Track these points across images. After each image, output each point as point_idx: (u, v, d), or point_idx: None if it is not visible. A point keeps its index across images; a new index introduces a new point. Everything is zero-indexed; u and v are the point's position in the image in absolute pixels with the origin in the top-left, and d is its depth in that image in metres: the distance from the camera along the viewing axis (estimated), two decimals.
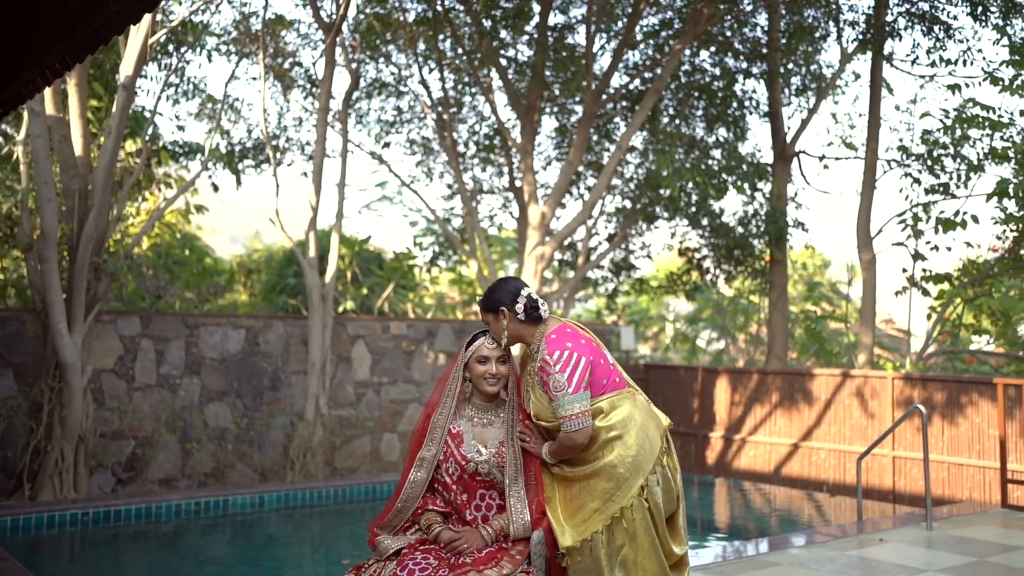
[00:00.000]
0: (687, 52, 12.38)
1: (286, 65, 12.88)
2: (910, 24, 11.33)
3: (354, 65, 11.43)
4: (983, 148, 11.74)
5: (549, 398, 3.57)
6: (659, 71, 12.51)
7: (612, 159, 11.29)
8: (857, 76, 15.22)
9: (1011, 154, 11.42)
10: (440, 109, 12.87)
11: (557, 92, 12.72)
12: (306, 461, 10.19)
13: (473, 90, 13.68)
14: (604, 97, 11.60)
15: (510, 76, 12.19)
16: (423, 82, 13.04)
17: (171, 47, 11.60)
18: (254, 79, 13.56)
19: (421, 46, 12.86)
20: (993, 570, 6.11)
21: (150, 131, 11.36)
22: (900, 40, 11.52)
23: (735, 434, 12.89)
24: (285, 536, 8.83)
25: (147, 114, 12.36)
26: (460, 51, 12.59)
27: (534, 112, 11.96)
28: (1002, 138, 10.97)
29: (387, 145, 14.01)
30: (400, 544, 3.77)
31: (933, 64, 11.29)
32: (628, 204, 13.32)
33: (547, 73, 12.01)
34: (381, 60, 13.18)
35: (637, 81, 12.46)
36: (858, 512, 8.17)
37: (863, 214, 12.28)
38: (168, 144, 12.82)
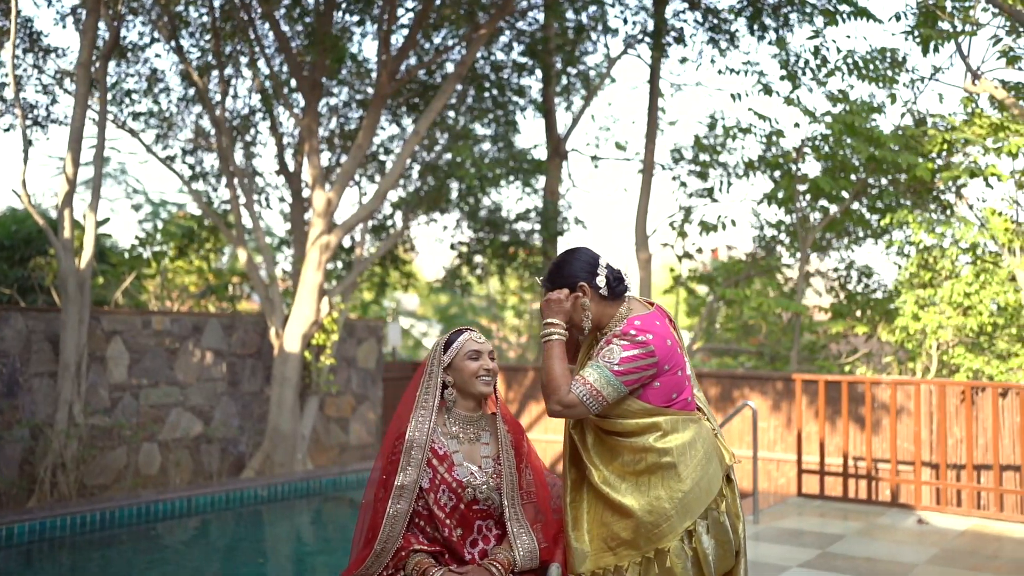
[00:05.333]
0: (455, 43, 11.93)
1: None
2: (695, 31, 11.83)
3: (115, 23, 9.77)
4: (745, 156, 12.53)
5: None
6: (444, 57, 12.06)
7: (407, 146, 10.64)
8: (613, 80, 15.74)
9: (756, 164, 12.29)
10: (203, 79, 11.44)
11: (342, 71, 11.84)
12: (57, 480, 8.57)
13: (229, 64, 12.31)
14: (395, 80, 10.90)
15: (293, 48, 11.09)
16: (179, 48, 11.50)
17: None
18: None
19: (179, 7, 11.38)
20: (847, 562, 6.34)
21: None
22: (685, 46, 11.98)
23: None
24: None
25: None
26: (228, 18, 11.25)
27: (319, 89, 10.99)
28: (772, 146, 11.74)
29: (136, 116, 12.26)
30: None
31: (721, 72, 11.85)
32: (410, 195, 12.68)
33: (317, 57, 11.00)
34: (128, 19, 11.48)
35: (418, 68, 11.87)
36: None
37: (641, 214, 12.63)
38: None
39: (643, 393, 3.01)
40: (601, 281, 3.08)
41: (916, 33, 10.13)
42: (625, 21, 12.60)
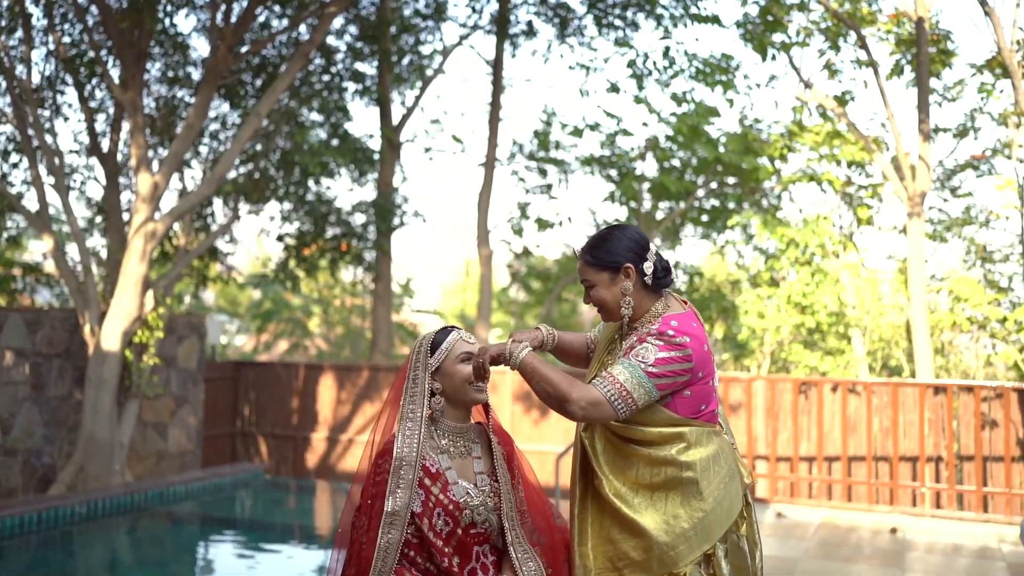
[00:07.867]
0: (297, 18, 11.14)
1: None
2: (544, 22, 11.67)
3: None
4: (583, 154, 12.56)
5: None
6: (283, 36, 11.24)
7: (247, 127, 9.76)
8: (443, 71, 15.41)
9: (591, 162, 12.37)
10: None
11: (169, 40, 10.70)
12: None
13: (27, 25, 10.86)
14: (235, 55, 9.99)
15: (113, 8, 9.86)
16: None
17: None
18: None
19: None
20: None
21: None
22: (535, 38, 11.80)
23: (341, 434, 12.18)
24: None
25: None
26: None
27: (144, 60, 9.89)
28: (611, 144, 11.81)
29: None
30: None
31: (572, 68, 11.76)
32: (236, 181, 11.71)
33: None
34: None
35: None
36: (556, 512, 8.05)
37: (482, 209, 12.35)
38: None
39: (671, 402, 2.71)
40: (649, 268, 2.74)
41: (753, 39, 10.49)
42: (474, 10, 12.28)
